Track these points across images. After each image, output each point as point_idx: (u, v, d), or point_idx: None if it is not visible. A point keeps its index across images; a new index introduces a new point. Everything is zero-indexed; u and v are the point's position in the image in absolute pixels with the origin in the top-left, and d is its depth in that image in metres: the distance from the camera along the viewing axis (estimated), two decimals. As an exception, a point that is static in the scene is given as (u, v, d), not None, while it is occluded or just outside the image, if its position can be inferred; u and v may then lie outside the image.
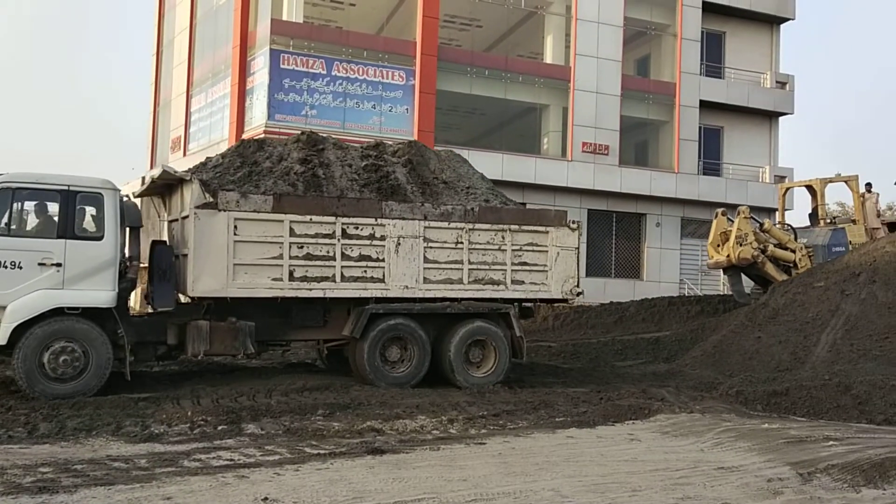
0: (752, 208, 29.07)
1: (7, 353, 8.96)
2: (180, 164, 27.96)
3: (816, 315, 14.15)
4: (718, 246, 17.19)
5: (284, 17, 23.15)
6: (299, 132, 11.59)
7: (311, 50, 22.83)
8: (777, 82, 29.41)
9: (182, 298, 10.06)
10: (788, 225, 18.70)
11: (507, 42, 27.83)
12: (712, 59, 28.70)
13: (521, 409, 9.02)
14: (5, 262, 8.68)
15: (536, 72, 26.23)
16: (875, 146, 79.58)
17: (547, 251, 11.22)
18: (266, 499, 5.15)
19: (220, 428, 7.49)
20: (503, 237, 10.99)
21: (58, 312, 8.88)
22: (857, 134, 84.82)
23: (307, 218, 9.92)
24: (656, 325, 17.64)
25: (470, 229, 10.79)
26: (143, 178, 11.12)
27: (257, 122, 22.88)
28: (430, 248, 10.58)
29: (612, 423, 8.42)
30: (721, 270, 18.55)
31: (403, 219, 10.40)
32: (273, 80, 22.29)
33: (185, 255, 9.67)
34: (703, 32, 27.92)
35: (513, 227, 11.06)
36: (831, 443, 7.12)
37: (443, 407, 8.86)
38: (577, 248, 11.47)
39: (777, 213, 20.05)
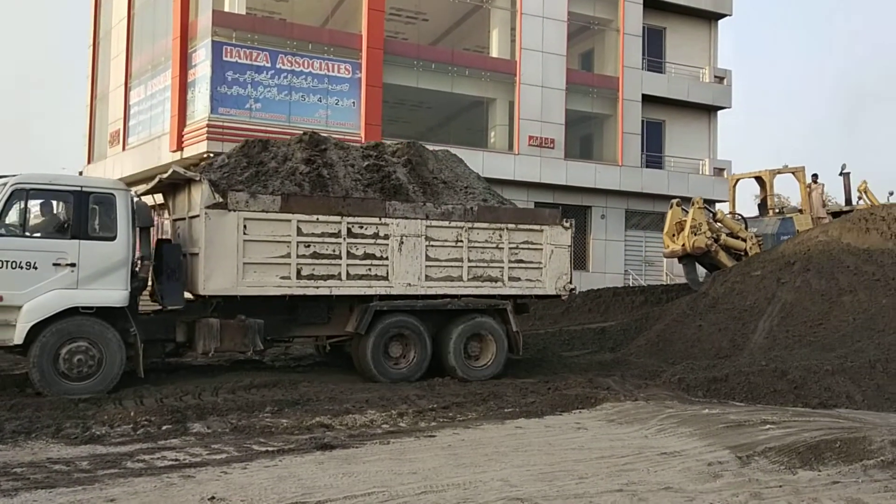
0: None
1: (21, 353, 9.10)
2: (119, 158, 27.26)
3: (754, 303, 14.61)
4: (673, 236, 17.70)
5: (226, 9, 22.71)
6: (302, 132, 11.73)
7: (254, 42, 22.46)
8: (715, 77, 30.15)
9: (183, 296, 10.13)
10: (739, 214, 19.29)
11: (453, 36, 27.86)
12: (653, 54, 29.25)
13: (471, 400, 9.08)
14: (21, 262, 8.76)
15: (482, 65, 26.34)
16: (811, 140, 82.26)
17: (542, 249, 11.61)
18: (213, 498, 5.07)
19: (164, 428, 7.34)
20: (500, 235, 11.32)
21: (72, 312, 8.97)
22: (791, 128, 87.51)
23: (314, 217, 10.13)
24: (602, 316, 17.95)
25: (469, 228, 11.10)
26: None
27: (200, 115, 22.43)
28: (432, 246, 10.88)
29: (559, 413, 8.55)
30: (676, 259, 19.06)
31: (406, 218, 10.69)
32: (215, 72, 21.85)
33: (195, 254, 9.82)
34: (644, 28, 28.42)
35: (510, 225, 11.41)
36: (768, 426, 7.36)
37: (392, 401, 8.87)
38: (570, 246, 11.90)
39: (728, 203, 20.68)
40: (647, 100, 28.29)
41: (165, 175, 10.34)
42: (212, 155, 22.03)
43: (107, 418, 7.53)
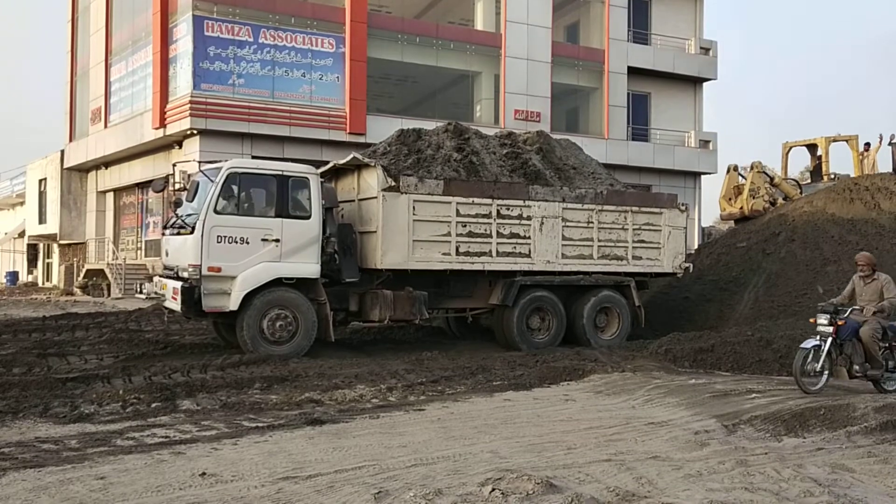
0: (678, 172, 29.82)
1: (221, 318, 10.42)
2: (101, 136, 26.92)
3: (739, 274, 14.72)
4: (730, 199, 17.91)
5: (207, -18, 22.33)
6: (446, 122, 12.57)
7: (236, 16, 22.14)
8: (701, 48, 30.04)
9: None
10: (795, 180, 19.41)
11: (438, 9, 27.57)
12: (639, 26, 29.09)
13: (459, 374, 9.12)
14: (236, 237, 9.96)
15: (468, 39, 26.10)
16: (798, 111, 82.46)
17: (661, 230, 12.73)
18: (204, 474, 5.07)
19: (153, 405, 7.32)
20: (626, 217, 12.39)
21: (275, 283, 10.11)
22: (776, 99, 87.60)
23: (470, 200, 11.21)
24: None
25: (599, 210, 12.17)
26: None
27: (182, 91, 22.16)
28: (567, 226, 11.94)
29: (547, 385, 8.61)
30: (732, 221, 19.29)
31: (546, 201, 11.76)
32: (197, 47, 21.55)
33: (369, 233, 10.89)
34: (629, -1, 28.24)
35: (633, 208, 12.45)
36: (754, 395, 7.45)
37: (381, 375, 8.89)
38: (685, 228, 12.75)
39: (780, 169, 20.92)
40: (633, 72, 28.18)
41: (343, 161, 11.34)
42: (195, 132, 21.83)
43: (95, 397, 7.50)
